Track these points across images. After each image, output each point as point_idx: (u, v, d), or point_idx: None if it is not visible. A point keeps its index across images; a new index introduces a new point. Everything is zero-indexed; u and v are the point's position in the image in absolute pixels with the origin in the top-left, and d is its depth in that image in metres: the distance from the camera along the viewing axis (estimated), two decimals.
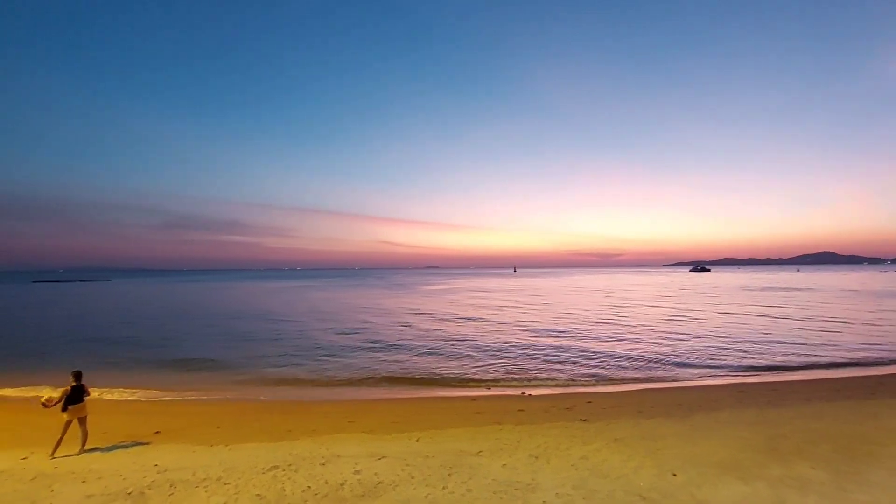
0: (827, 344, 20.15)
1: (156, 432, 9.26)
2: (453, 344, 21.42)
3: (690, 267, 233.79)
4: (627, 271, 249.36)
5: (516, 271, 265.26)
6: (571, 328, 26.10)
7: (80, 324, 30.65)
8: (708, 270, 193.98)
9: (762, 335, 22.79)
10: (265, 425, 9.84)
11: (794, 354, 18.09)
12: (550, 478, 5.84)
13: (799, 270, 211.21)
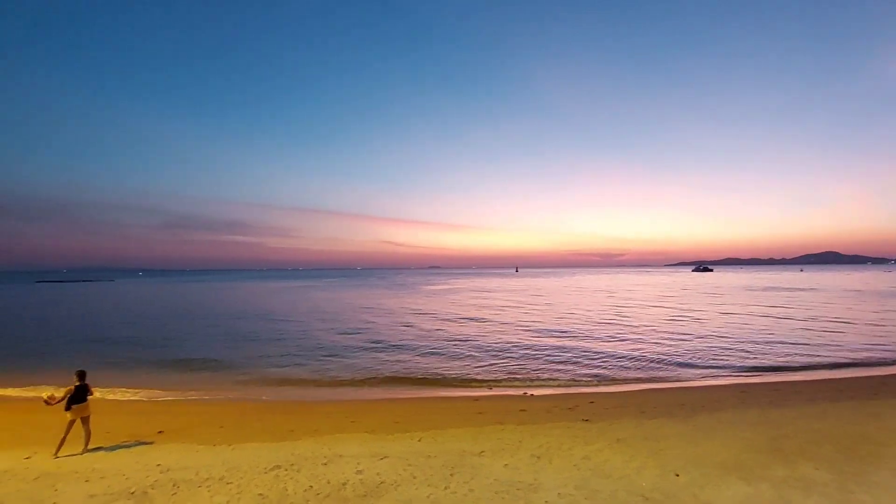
0: (830, 344, 20.06)
1: (159, 432, 9.30)
2: (455, 344, 21.42)
3: (693, 267, 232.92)
4: (629, 271, 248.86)
5: (518, 271, 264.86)
6: (573, 328, 26.06)
7: (83, 324, 30.77)
8: (710, 270, 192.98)
9: (765, 335, 22.70)
10: (267, 425, 9.86)
11: (797, 355, 18.02)
12: (552, 478, 5.83)
13: (802, 270, 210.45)
